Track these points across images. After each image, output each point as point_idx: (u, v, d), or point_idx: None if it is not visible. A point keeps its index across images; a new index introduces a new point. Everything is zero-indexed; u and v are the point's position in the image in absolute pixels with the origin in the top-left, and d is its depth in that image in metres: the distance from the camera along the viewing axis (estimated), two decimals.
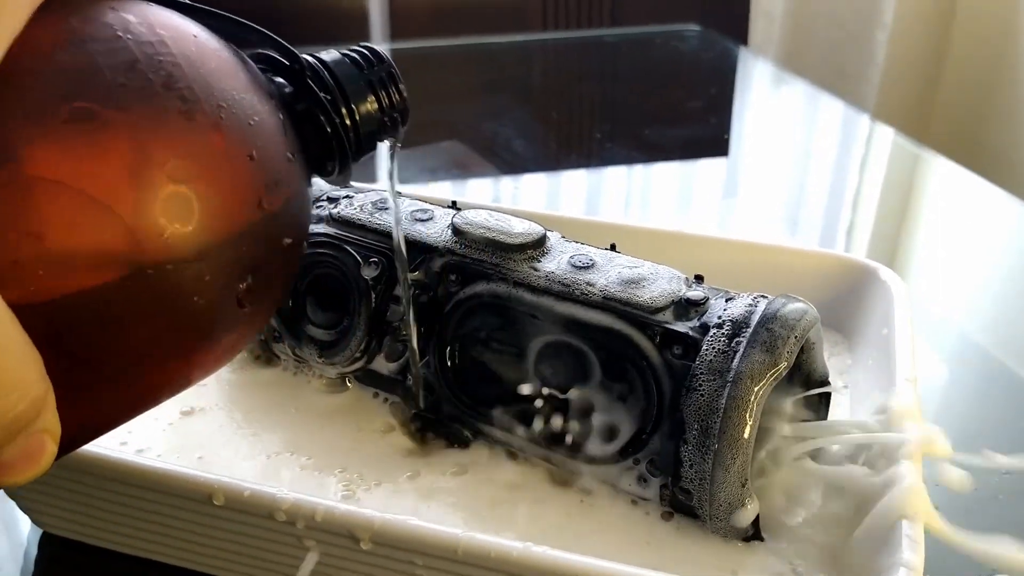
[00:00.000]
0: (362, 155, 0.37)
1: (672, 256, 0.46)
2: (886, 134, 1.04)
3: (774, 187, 0.94)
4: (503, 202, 0.70)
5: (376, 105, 0.37)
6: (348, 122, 0.36)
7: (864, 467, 0.40)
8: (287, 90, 0.35)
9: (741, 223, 0.86)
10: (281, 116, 0.33)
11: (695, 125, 1.10)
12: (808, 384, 0.43)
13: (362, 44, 0.38)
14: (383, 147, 0.39)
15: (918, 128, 1.76)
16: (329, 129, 0.35)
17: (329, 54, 0.36)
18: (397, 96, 0.37)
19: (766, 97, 1.22)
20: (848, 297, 0.51)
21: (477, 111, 1.12)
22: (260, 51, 0.34)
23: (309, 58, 0.36)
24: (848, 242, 0.83)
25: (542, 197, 0.91)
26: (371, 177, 0.80)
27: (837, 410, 0.47)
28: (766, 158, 1.02)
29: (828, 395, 0.44)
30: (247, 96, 0.31)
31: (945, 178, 0.94)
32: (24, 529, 0.45)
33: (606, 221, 0.57)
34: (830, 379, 0.43)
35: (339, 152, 0.36)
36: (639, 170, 0.97)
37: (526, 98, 1.21)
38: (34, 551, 0.44)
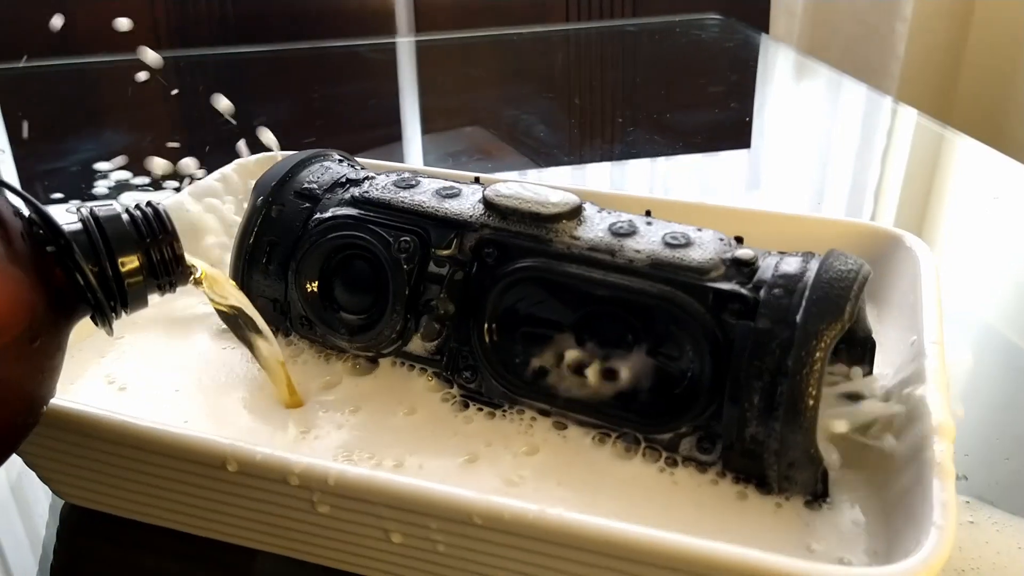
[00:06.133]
0: (133, 310, 0.38)
1: None
2: (909, 116, 1.02)
3: (798, 170, 0.93)
4: None
5: (146, 268, 0.38)
6: (112, 286, 0.37)
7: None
8: (49, 249, 0.36)
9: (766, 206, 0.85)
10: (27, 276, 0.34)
11: (717, 112, 1.10)
12: (852, 340, 0.42)
13: (152, 204, 0.39)
14: None
15: (939, 120, 1.75)
16: (89, 295, 0.36)
17: (109, 212, 0.38)
18: (171, 256, 0.39)
19: (789, 83, 1.21)
20: (875, 265, 0.50)
21: (500, 99, 1.12)
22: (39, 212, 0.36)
23: (89, 216, 0.37)
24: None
25: (565, 183, 0.89)
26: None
27: None
28: (790, 143, 1.01)
29: (873, 350, 0.43)
30: None
31: (969, 158, 0.93)
32: (46, 500, 0.45)
33: (634, 195, 0.56)
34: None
35: (98, 310, 0.37)
36: (661, 155, 0.96)
37: (548, 87, 1.20)
38: (56, 522, 0.44)
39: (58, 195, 0.81)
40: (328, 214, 0.47)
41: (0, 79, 1.14)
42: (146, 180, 0.80)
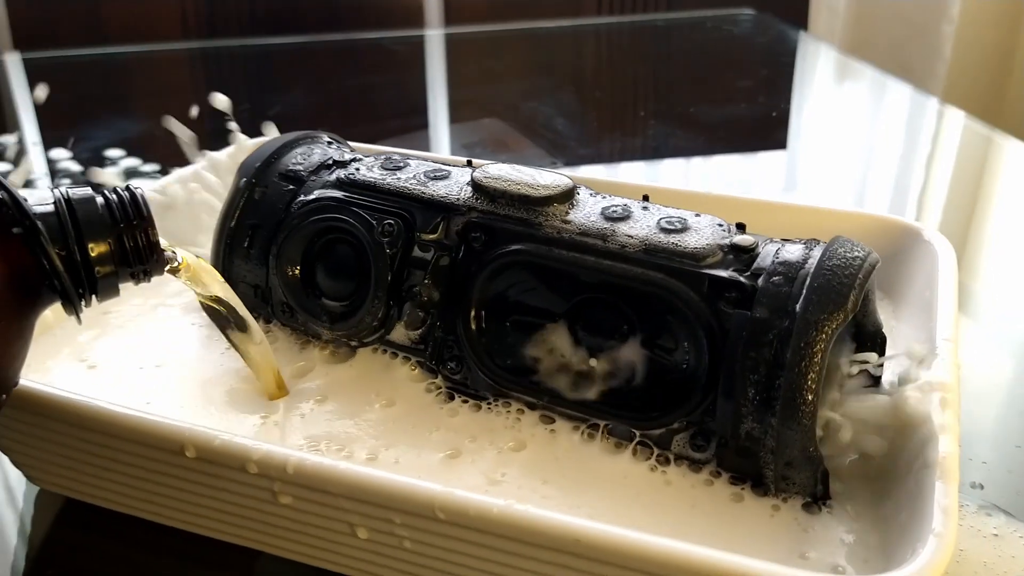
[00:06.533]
0: (103, 298, 0.36)
1: None
2: (956, 118, 0.98)
3: (838, 172, 0.90)
4: None
5: (117, 255, 0.36)
6: (80, 272, 0.35)
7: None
8: (15, 231, 0.34)
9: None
10: None
11: (747, 109, 1.07)
12: (862, 334, 0.40)
13: (129, 188, 0.37)
14: None
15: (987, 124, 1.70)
16: (55, 280, 0.34)
17: (83, 194, 0.36)
18: (145, 243, 0.37)
19: (829, 82, 1.18)
20: (892, 259, 0.48)
21: (522, 92, 1.11)
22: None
23: (61, 197, 0.35)
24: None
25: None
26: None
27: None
28: (829, 144, 0.97)
29: (883, 345, 0.41)
30: None
31: (1020, 163, 0.88)
32: (21, 486, 0.44)
33: (635, 183, 0.54)
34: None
35: (64, 296, 0.35)
36: (688, 153, 0.94)
37: (573, 80, 1.19)
38: (31, 510, 0.43)
39: (65, 181, 0.81)
40: (312, 196, 0.45)
41: (30, 67, 1.14)
42: (156, 167, 0.79)
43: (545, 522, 0.30)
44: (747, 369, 0.36)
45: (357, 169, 0.46)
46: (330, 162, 0.47)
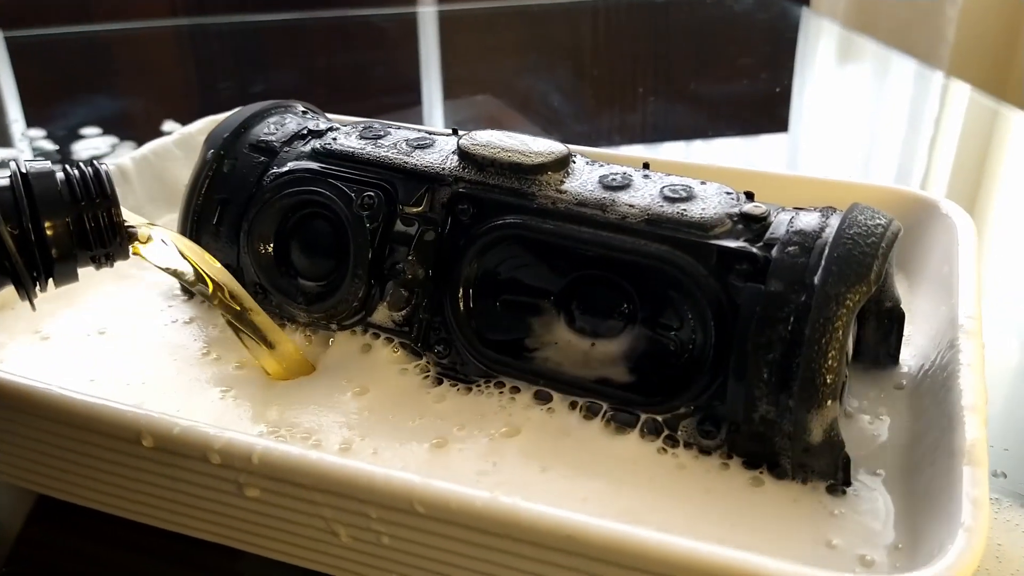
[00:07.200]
0: (60, 283, 0.34)
1: None
2: (962, 92, 0.96)
3: (842, 150, 0.87)
4: None
5: (76, 235, 0.34)
6: (35, 252, 0.33)
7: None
8: None
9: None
10: None
11: (749, 85, 1.05)
12: (879, 310, 0.38)
13: (93, 164, 0.35)
14: None
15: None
16: (6, 260, 0.32)
17: (41, 169, 0.33)
18: (107, 224, 0.34)
19: (832, 58, 1.15)
20: (908, 233, 0.45)
21: (517, 69, 1.09)
22: None
23: (18, 171, 0.33)
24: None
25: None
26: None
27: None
28: (834, 121, 0.95)
29: (901, 322, 0.39)
30: None
31: None
32: None
33: (628, 154, 0.51)
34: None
35: (16, 278, 0.33)
36: (686, 131, 0.91)
37: (570, 58, 1.17)
38: None
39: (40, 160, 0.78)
40: (285, 168, 0.43)
41: (15, 46, 1.12)
42: (132, 146, 0.77)
43: (534, 516, 0.28)
44: (761, 348, 0.33)
45: (334, 139, 0.43)
46: (305, 132, 0.44)
